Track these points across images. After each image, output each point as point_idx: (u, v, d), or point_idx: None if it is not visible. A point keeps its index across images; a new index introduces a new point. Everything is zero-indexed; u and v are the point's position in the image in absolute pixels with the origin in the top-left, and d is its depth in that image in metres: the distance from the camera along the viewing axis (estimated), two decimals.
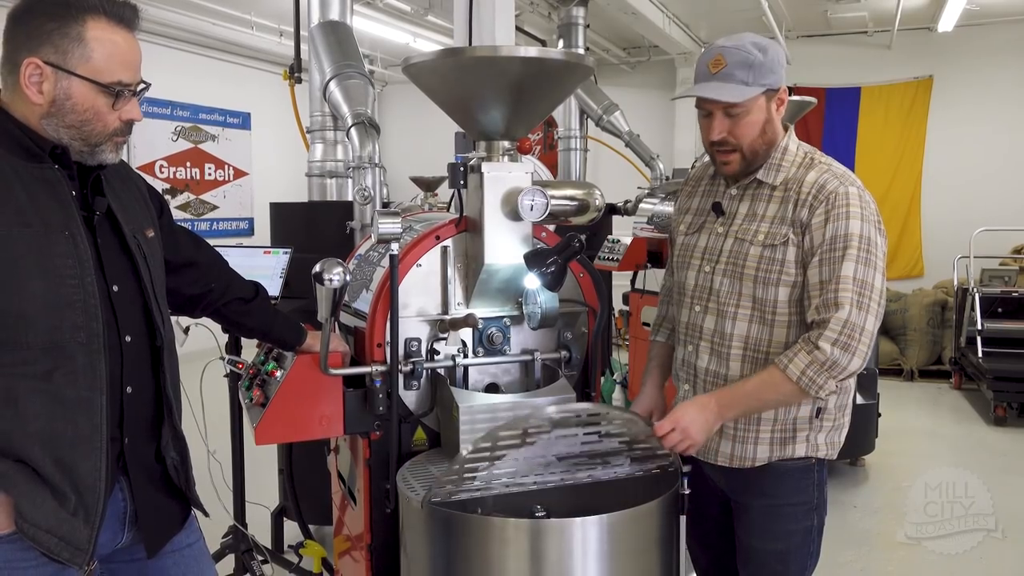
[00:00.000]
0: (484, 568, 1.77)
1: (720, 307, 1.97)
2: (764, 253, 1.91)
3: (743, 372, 1.95)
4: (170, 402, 1.69)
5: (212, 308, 1.98)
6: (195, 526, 1.81)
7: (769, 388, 1.86)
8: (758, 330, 1.94)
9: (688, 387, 2.06)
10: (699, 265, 2.03)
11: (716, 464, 2.00)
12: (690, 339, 2.05)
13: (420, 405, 2.23)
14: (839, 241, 1.83)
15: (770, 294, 1.91)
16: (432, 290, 2.23)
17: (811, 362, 1.80)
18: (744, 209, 1.98)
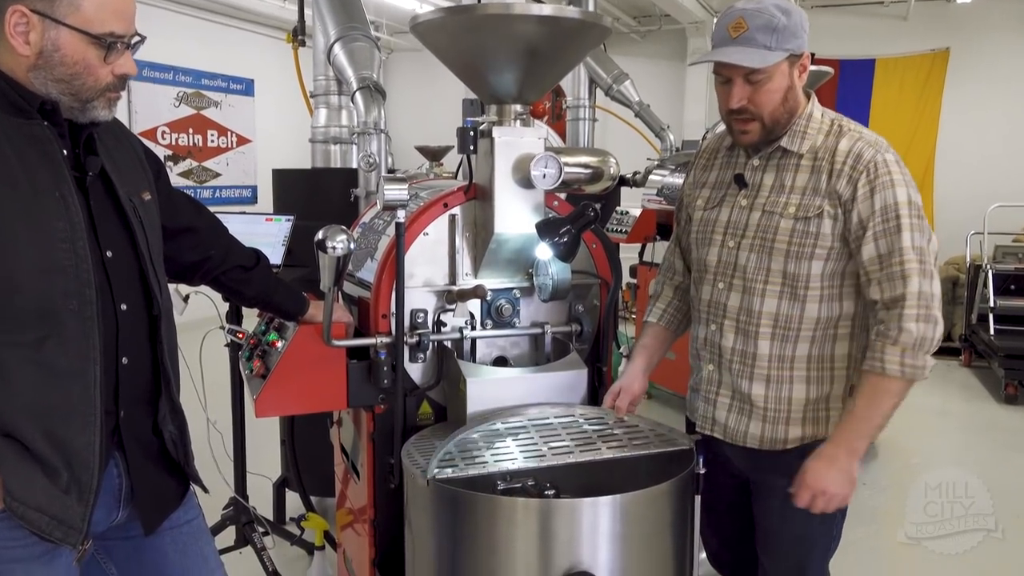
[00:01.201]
0: (491, 548, 1.72)
1: (747, 284, 1.89)
2: (796, 226, 1.82)
3: (772, 351, 1.87)
4: (168, 374, 1.62)
5: (211, 276, 1.91)
6: (194, 502, 1.75)
7: (881, 399, 1.77)
8: (788, 306, 1.85)
9: (712, 367, 1.98)
10: (722, 240, 1.93)
11: (745, 446, 1.92)
12: (713, 318, 1.96)
13: (426, 378, 2.17)
14: (890, 211, 1.75)
15: (803, 268, 1.82)
16: (439, 260, 2.16)
17: (903, 350, 1.73)
18: (769, 180, 1.88)
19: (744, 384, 1.90)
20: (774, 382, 1.88)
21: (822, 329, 1.85)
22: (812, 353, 1.86)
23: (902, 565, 3.50)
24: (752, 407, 1.90)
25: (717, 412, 1.96)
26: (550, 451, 1.89)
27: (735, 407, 1.93)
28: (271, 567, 2.92)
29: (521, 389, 2.09)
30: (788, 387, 1.88)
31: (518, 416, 2.02)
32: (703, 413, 2.00)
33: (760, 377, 1.88)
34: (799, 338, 1.85)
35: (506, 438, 1.94)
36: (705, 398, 1.99)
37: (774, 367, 1.88)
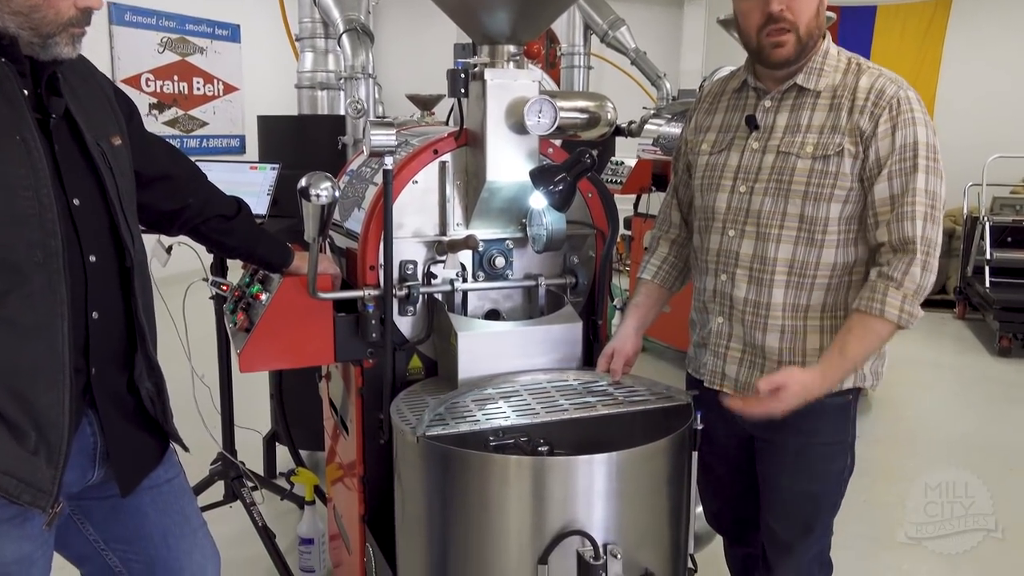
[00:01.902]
0: (483, 506, 1.66)
1: (760, 229, 1.80)
2: (815, 166, 1.73)
3: (786, 300, 1.80)
4: (143, 329, 1.54)
5: (190, 226, 1.82)
6: (174, 460, 1.69)
7: (871, 341, 1.71)
8: (804, 252, 1.78)
9: (722, 320, 1.90)
10: (732, 186, 1.84)
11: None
12: (723, 267, 1.87)
13: (416, 332, 2.10)
14: (908, 151, 1.67)
15: (820, 211, 1.74)
16: (429, 209, 2.08)
17: (905, 296, 1.67)
18: (783, 121, 1.79)
19: (757, 336, 1.83)
20: (788, 332, 1.81)
21: (838, 276, 1.78)
22: (827, 301, 1.79)
23: (895, 518, 3.49)
24: (765, 359, 1.83)
25: (727, 366, 1.90)
26: (543, 409, 1.83)
27: (747, 360, 1.87)
28: (260, 522, 2.88)
29: (514, 343, 2.02)
30: (802, 337, 1.81)
31: (509, 383, 1.97)
32: (712, 368, 1.93)
33: (774, 328, 1.82)
34: (814, 285, 1.78)
35: (498, 400, 1.89)
36: (714, 352, 1.92)
37: (788, 316, 1.81)
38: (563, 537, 1.60)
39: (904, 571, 3.08)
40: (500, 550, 1.66)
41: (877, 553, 3.16)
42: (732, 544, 2.23)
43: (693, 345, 2.02)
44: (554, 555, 1.61)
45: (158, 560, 1.63)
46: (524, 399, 1.89)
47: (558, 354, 2.05)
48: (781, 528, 1.91)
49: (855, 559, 3.09)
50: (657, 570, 1.72)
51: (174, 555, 1.64)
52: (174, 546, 1.64)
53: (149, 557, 1.62)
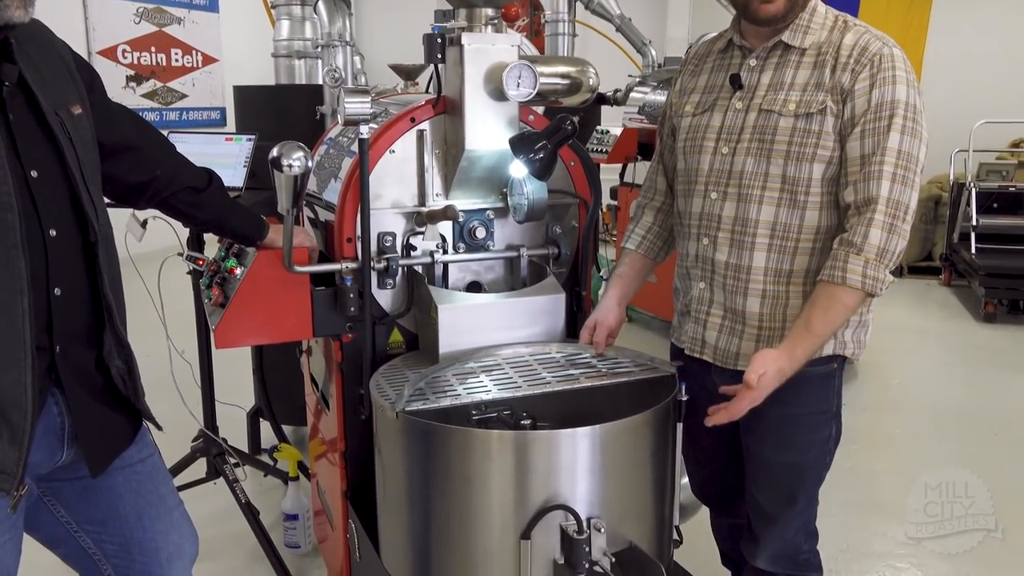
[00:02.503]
0: (465, 482, 1.63)
1: (742, 191, 1.76)
2: (797, 124, 1.69)
3: (768, 264, 1.76)
4: (110, 305, 1.49)
5: (159, 198, 1.76)
6: (147, 440, 1.64)
7: (836, 311, 1.65)
8: (787, 215, 1.73)
9: (703, 285, 1.86)
10: (714, 147, 1.80)
11: (736, 369, 1.83)
12: (705, 231, 1.83)
13: (395, 305, 2.06)
14: (884, 109, 1.63)
15: (803, 172, 1.70)
16: (407, 179, 2.03)
17: (866, 261, 1.62)
18: (767, 79, 1.74)
19: (739, 301, 1.80)
20: (770, 298, 1.78)
21: (821, 240, 1.74)
22: (811, 266, 1.75)
23: (881, 485, 3.50)
24: (745, 326, 1.80)
25: (707, 333, 1.86)
26: (525, 382, 1.80)
27: (727, 327, 1.83)
28: (244, 499, 2.85)
29: (496, 315, 1.98)
30: (784, 303, 1.78)
31: (491, 356, 1.93)
32: (692, 335, 1.90)
33: (755, 292, 1.78)
34: (798, 249, 1.74)
35: (479, 374, 1.85)
36: (695, 319, 1.89)
37: (770, 281, 1.77)
38: (546, 512, 1.58)
39: (890, 537, 3.09)
40: (482, 525, 1.64)
41: (863, 520, 3.17)
42: (718, 514, 2.21)
43: (677, 313, 1.99)
44: (537, 530, 1.58)
45: (133, 541, 1.59)
46: (506, 372, 1.86)
47: (541, 326, 2.01)
48: (765, 499, 1.89)
49: (840, 526, 3.10)
50: (642, 543, 1.69)
51: (149, 536, 1.61)
52: (149, 527, 1.61)
53: (124, 538, 1.59)
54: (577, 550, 1.57)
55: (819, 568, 1.98)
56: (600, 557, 1.60)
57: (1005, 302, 6.25)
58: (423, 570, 1.75)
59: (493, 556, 1.63)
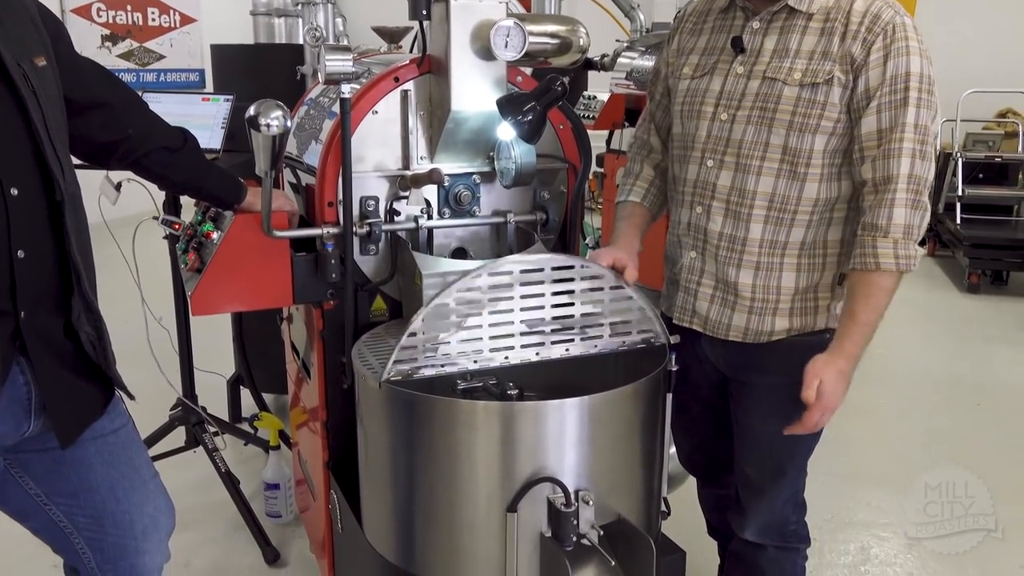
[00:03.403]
0: (449, 453, 1.59)
1: (740, 160, 1.70)
2: (802, 94, 1.63)
3: (764, 236, 1.71)
4: (78, 268, 1.42)
5: (130, 158, 1.68)
6: (120, 409, 1.59)
7: (878, 297, 1.62)
8: (786, 186, 1.68)
9: (695, 254, 1.81)
10: (713, 113, 1.73)
11: (727, 339, 1.79)
12: (699, 199, 1.78)
13: (378, 272, 2.00)
14: (899, 82, 1.58)
15: (805, 143, 1.65)
16: (391, 141, 1.96)
17: (895, 242, 1.59)
18: (771, 44, 1.68)
19: (731, 272, 1.75)
20: (763, 269, 1.74)
21: (819, 212, 1.70)
22: (806, 239, 1.72)
23: (866, 455, 3.51)
24: (737, 297, 1.76)
25: (698, 303, 1.82)
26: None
27: (718, 297, 1.79)
28: (224, 468, 2.81)
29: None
30: (777, 275, 1.74)
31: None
32: (682, 304, 1.85)
33: (749, 264, 1.74)
34: (794, 222, 1.70)
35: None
36: (685, 288, 1.84)
37: (764, 253, 1.73)
38: (533, 484, 1.54)
39: (874, 507, 3.10)
40: (467, 498, 1.60)
41: (847, 490, 3.17)
42: (705, 485, 2.19)
43: (666, 282, 1.94)
44: (523, 503, 1.55)
45: (106, 514, 1.54)
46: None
47: None
48: (754, 471, 1.87)
49: (825, 496, 3.10)
50: (630, 515, 1.66)
51: (123, 508, 1.56)
52: (123, 499, 1.56)
53: (96, 511, 1.54)
54: (565, 523, 1.54)
55: (807, 539, 1.96)
56: (588, 530, 1.57)
57: (989, 273, 6.27)
58: (407, 543, 1.71)
59: (478, 529, 1.60)
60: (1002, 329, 5.39)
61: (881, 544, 2.86)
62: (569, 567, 1.50)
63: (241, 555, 2.71)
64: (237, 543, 2.76)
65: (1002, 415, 4.03)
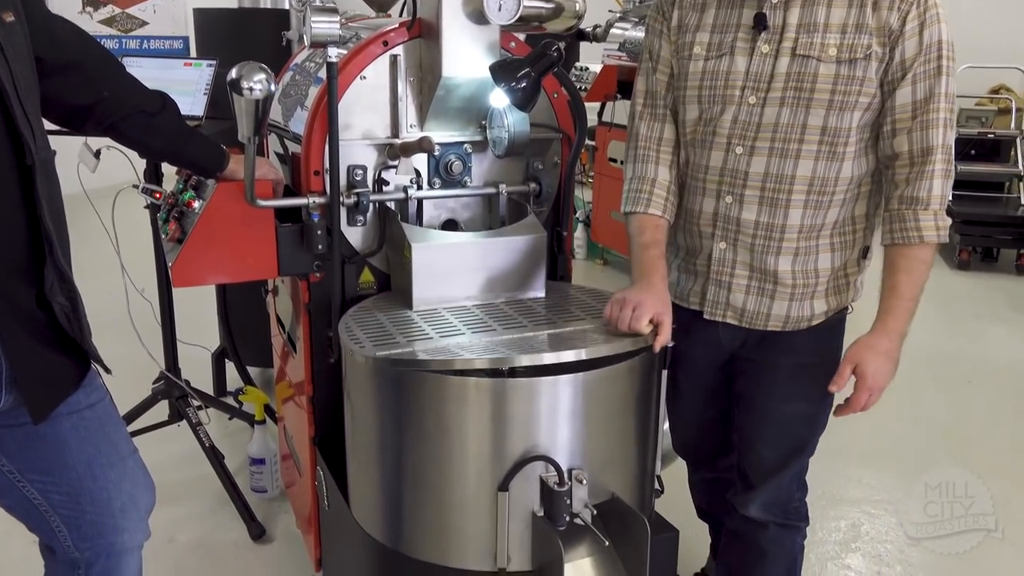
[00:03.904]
0: (439, 431, 1.54)
1: (775, 145, 1.61)
2: (840, 71, 1.55)
3: (803, 221, 1.64)
4: (50, 236, 1.35)
5: (106, 123, 1.61)
6: (97, 383, 1.52)
7: (920, 271, 1.58)
8: (825, 168, 1.61)
9: (724, 245, 1.71)
10: (739, 96, 1.63)
11: (766, 329, 1.72)
12: (728, 188, 1.67)
13: (366, 244, 1.94)
14: (933, 51, 1.52)
15: (844, 121, 1.58)
16: (380, 108, 1.89)
17: (935, 214, 1.55)
18: (795, 18, 1.58)
19: (769, 261, 1.67)
20: (802, 254, 1.67)
21: (852, 189, 1.65)
22: (839, 218, 1.67)
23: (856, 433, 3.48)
24: (776, 286, 1.69)
25: (732, 295, 1.72)
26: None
27: (754, 288, 1.71)
28: (208, 442, 2.76)
29: (473, 255, 1.87)
30: (815, 258, 1.68)
31: None
32: (713, 298, 1.75)
33: (788, 251, 1.66)
34: (832, 203, 1.64)
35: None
36: (716, 281, 1.74)
37: (803, 238, 1.66)
38: (525, 463, 1.50)
39: (865, 484, 3.08)
40: (457, 477, 1.55)
41: (838, 467, 3.15)
42: (698, 470, 2.15)
43: (673, 268, 1.84)
44: (515, 481, 1.51)
45: (83, 491, 1.49)
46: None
47: (521, 267, 1.91)
48: (772, 451, 1.82)
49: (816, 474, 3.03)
50: (624, 494, 1.63)
51: (100, 485, 1.50)
52: (101, 476, 1.50)
53: (72, 488, 1.48)
54: (558, 502, 1.50)
55: (806, 517, 1.94)
56: (581, 509, 1.54)
57: (979, 250, 6.26)
58: (394, 522, 1.67)
59: (468, 508, 1.56)
60: (992, 306, 5.38)
61: (872, 521, 2.85)
62: (562, 547, 1.47)
63: (226, 531, 2.67)
64: (222, 519, 2.72)
65: (992, 392, 4.02)
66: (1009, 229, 6.06)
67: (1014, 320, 5.19)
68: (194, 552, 2.57)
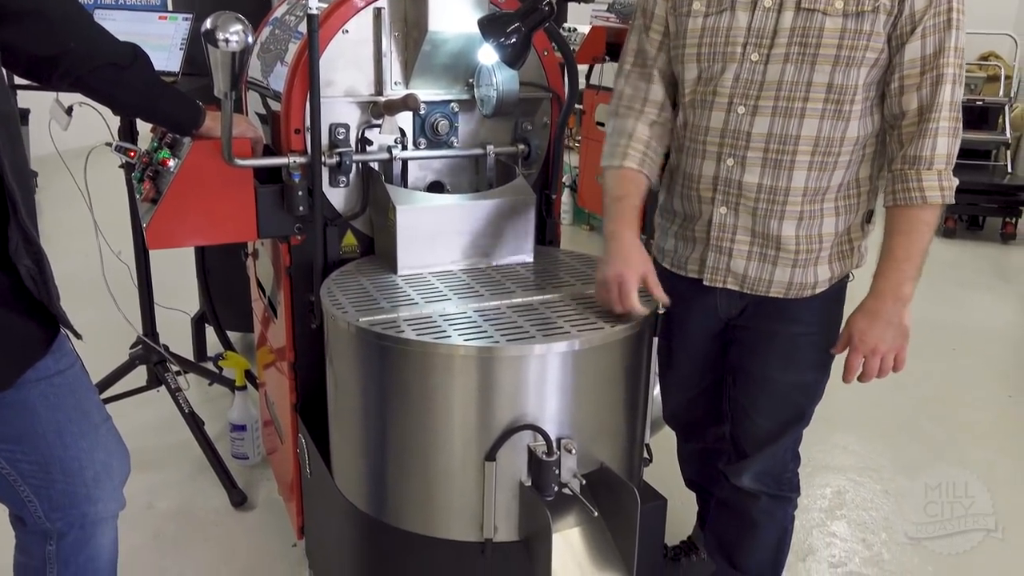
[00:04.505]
0: (424, 399, 1.50)
1: (779, 104, 1.55)
2: (847, 25, 1.48)
3: (808, 184, 1.58)
4: (13, 195, 1.28)
5: (74, 75, 1.52)
6: (67, 348, 1.46)
7: (922, 232, 1.53)
8: (831, 127, 1.55)
9: (725, 210, 1.65)
10: (741, 53, 1.57)
11: (768, 296, 1.67)
12: (730, 150, 1.61)
13: (349, 205, 1.88)
14: (942, 3, 1.46)
15: (851, 78, 1.51)
16: (363, 64, 1.82)
17: (939, 173, 1.50)
18: None
19: (772, 225, 1.62)
20: (806, 219, 1.61)
21: (857, 151, 1.59)
22: (844, 180, 1.61)
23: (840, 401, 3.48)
24: (779, 251, 1.63)
25: (734, 261, 1.67)
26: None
27: (756, 253, 1.65)
28: (187, 408, 2.70)
29: (460, 218, 1.82)
30: (819, 222, 1.62)
31: None
32: (713, 264, 1.69)
33: (792, 215, 1.61)
34: (837, 164, 1.58)
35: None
36: (717, 247, 1.68)
37: (807, 201, 1.60)
38: (513, 432, 1.46)
39: (850, 451, 3.08)
40: (443, 446, 1.51)
41: (823, 435, 3.14)
42: (688, 440, 2.12)
43: (670, 235, 1.79)
44: (503, 451, 1.47)
45: (53, 460, 1.43)
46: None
47: (509, 231, 1.86)
48: (768, 420, 1.79)
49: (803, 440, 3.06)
50: (612, 463, 1.59)
51: (72, 454, 1.45)
52: (72, 444, 1.44)
53: (42, 457, 1.43)
54: (546, 472, 1.46)
55: (798, 488, 1.92)
56: (570, 479, 1.50)
57: (965, 218, 6.25)
58: (378, 491, 1.63)
59: (455, 478, 1.52)
60: (977, 274, 5.39)
61: (857, 488, 2.85)
62: (550, 517, 1.44)
63: (206, 497, 2.62)
64: (202, 485, 2.67)
65: (976, 359, 4.03)
66: (995, 197, 6.05)
67: (999, 288, 5.20)
68: (173, 519, 2.53)
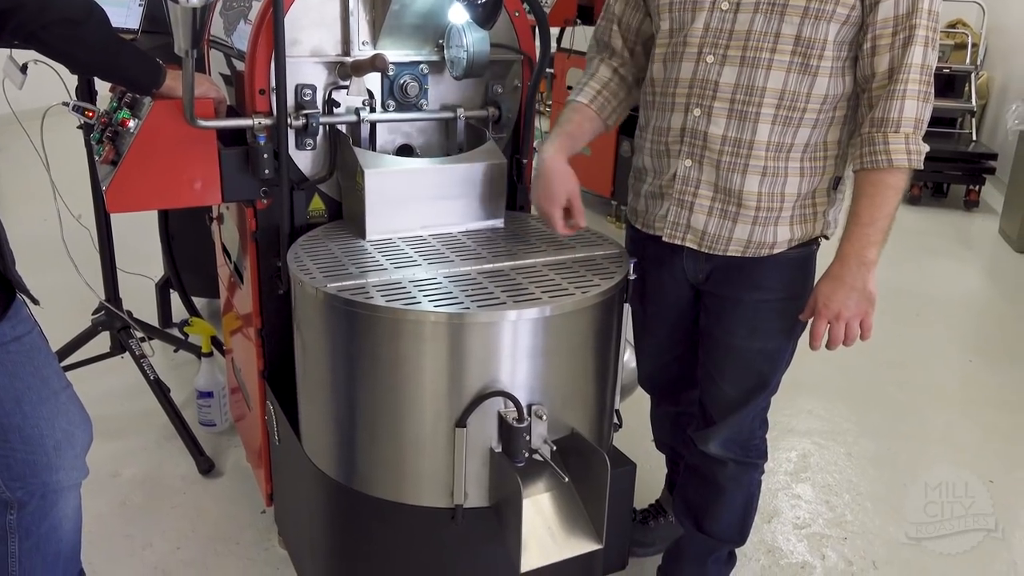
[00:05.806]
0: (394, 366, 1.48)
1: (747, 54, 1.54)
2: None
3: (771, 137, 1.58)
4: None
5: (26, 31, 1.46)
6: (24, 314, 1.42)
7: (887, 196, 1.52)
8: (796, 81, 1.54)
9: (690, 163, 1.64)
10: (712, 3, 1.56)
11: (726, 255, 1.67)
12: (697, 100, 1.61)
13: (316, 169, 1.84)
14: None
15: (820, 32, 1.50)
16: (330, 23, 1.77)
17: (906, 137, 1.48)
18: None
19: (735, 179, 1.61)
20: (769, 175, 1.61)
21: (826, 111, 1.58)
22: (810, 140, 1.60)
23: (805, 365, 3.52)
24: (740, 207, 1.63)
25: (694, 216, 1.66)
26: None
27: (717, 209, 1.65)
28: (152, 375, 2.66)
29: (430, 182, 1.79)
30: (783, 180, 1.62)
31: None
32: (674, 219, 1.69)
33: (755, 169, 1.60)
34: (802, 121, 1.57)
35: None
36: (679, 201, 1.68)
37: (771, 157, 1.60)
38: (484, 398, 1.45)
39: (815, 415, 3.13)
40: (413, 412, 1.50)
41: (787, 400, 3.17)
42: (661, 404, 2.13)
43: (642, 196, 1.78)
44: (473, 417, 1.46)
45: (12, 429, 1.40)
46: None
47: (479, 195, 1.83)
48: (734, 387, 1.79)
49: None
50: (583, 429, 1.60)
51: (32, 423, 1.42)
52: (31, 413, 1.41)
53: (1, 427, 1.40)
54: (517, 438, 1.46)
55: (765, 455, 1.93)
56: (540, 445, 1.50)
57: (930, 185, 6.32)
58: (347, 458, 1.62)
59: (424, 444, 1.51)
60: (942, 240, 5.46)
61: (821, 451, 2.89)
62: (520, 483, 1.43)
63: (173, 465, 2.60)
64: (169, 453, 2.64)
65: (940, 325, 4.10)
66: (960, 165, 6.11)
67: (962, 255, 5.28)
68: (140, 487, 2.50)
